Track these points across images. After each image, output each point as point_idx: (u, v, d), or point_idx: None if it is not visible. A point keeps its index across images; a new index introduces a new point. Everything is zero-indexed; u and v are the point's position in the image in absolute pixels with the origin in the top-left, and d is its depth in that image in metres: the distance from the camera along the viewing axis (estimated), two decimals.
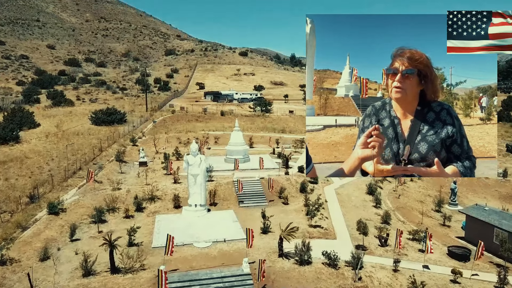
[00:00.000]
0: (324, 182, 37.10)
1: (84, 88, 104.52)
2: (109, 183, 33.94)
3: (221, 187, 33.68)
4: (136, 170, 39.67)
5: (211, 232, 25.45)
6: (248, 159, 42.52)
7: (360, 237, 24.94)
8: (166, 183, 34.29)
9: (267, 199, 32.70)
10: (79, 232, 25.84)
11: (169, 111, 76.47)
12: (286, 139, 55.69)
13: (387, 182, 38.05)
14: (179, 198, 31.12)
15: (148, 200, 31.10)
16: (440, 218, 30.80)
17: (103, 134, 53.56)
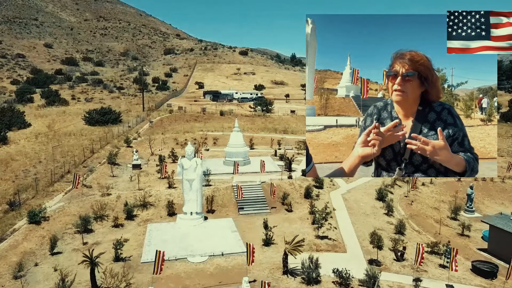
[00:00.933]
0: (330, 186, 34.60)
1: (80, 87, 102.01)
2: (99, 188, 31.41)
3: (219, 192, 31.17)
4: (129, 173, 37.16)
5: (207, 244, 22.95)
6: (249, 162, 40.03)
7: (373, 249, 22.46)
8: (160, 188, 31.77)
9: (269, 205, 30.20)
10: (62, 244, 23.37)
11: (167, 111, 73.95)
12: (288, 140, 53.18)
13: (398, 187, 35.55)
14: (173, 204, 28.61)
15: (139, 207, 28.60)
16: (457, 227, 28.29)
17: (96, 134, 51.08)
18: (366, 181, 36.66)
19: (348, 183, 36.24)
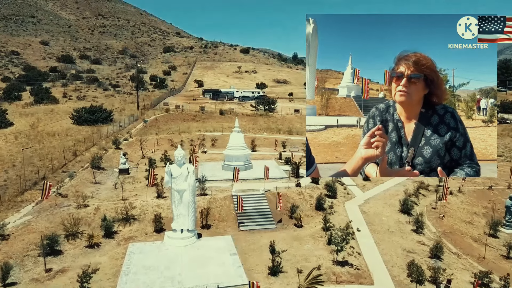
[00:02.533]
0: (344, 196, 30.04)
1: (74, 85, 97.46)
2: (76, 198, 26.79)
3: (216, 203, 26.61)
4: (114, 179, 32.64)
5: (200, 272, 18.40)
6: (250, 166, 35.48)
7: (406, 279, 17.94)
8: (147, 197, 27.22)
9: (274, 219, 25.66)
10: (20, 271, 18.87)
11: (163, 110, 69.38)
12: (294, 141, 48.57)
13: (422, 196, 30.97)
14: (161, 219, 24.08)
15: (121, 222, 24.08)
16: (499, 247, 23.74)
17: (83, 135, 46.52)
18: (385, 189, 32.13)
19: (364, 191, 31.70)
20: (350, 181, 33.33)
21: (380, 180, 34.42)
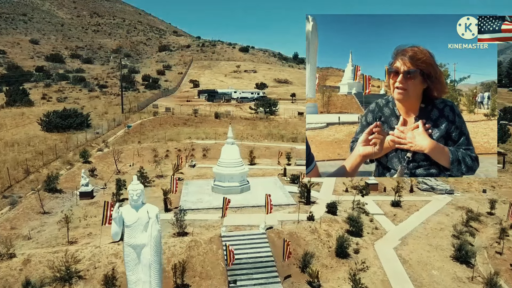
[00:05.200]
0: (372, 232, 22.46)
1: (58, 86, 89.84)
2: (5, 239, 19.18)
3: (199, 249, 19.04)
4: (69, 207, 25.10)
5: None
6: (248, 187, 27.97)
7: None
8: (101, 241, 19.62)
9: (279, 274, 18.10)
10: None
11: (151, 113, 61.78)
12: (299, 151, 40.92)
13: (474, 230, 23.41)
14: (115, 279, 16.53)
15: (58, 283, 16.53)
16: None
17: (49, 144, 38.98)
18: (423, 220, 24.56)
19: (396, 223, 24.13)
20: (377, 209, 25.79)
21: (414, 206, 26.91)
